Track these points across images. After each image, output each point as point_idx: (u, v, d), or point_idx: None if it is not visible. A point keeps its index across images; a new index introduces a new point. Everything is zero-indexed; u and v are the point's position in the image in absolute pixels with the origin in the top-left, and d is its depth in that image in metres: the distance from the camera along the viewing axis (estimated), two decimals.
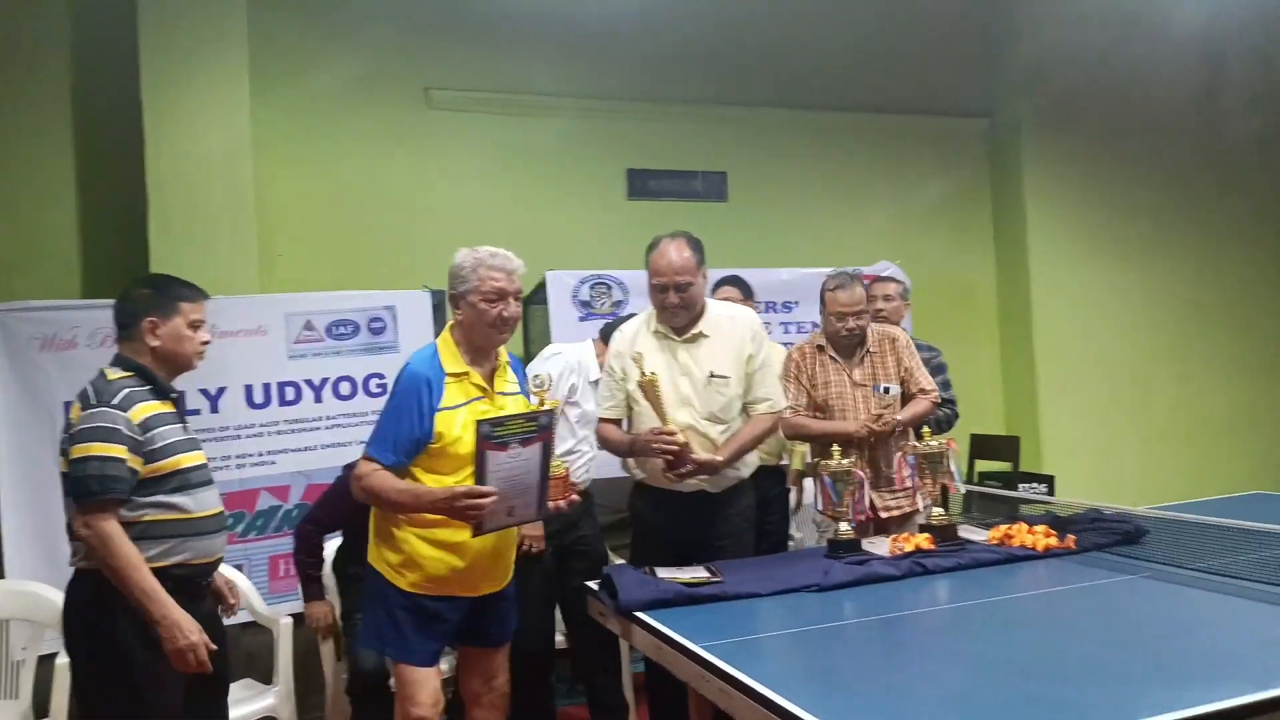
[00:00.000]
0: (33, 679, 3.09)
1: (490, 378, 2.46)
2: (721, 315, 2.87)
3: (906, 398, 3.25)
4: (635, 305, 4.25)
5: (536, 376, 2.41)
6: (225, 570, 2.69)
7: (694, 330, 2.81)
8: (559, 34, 5.00)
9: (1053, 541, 2.63)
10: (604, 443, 2.96)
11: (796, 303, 4.67)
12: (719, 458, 2.70)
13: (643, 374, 2.70)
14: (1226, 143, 6.29)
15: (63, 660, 2.87)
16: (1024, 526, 2.73)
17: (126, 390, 2.20)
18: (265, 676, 3.22)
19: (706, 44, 5.31)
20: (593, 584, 2.55)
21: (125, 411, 2.16)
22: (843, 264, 4.84)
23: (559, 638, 3.57)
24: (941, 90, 5.91)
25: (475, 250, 2.47)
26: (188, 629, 2.15)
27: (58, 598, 3.10)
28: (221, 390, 3.68)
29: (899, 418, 3.14)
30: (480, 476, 2.24)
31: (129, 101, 4.01)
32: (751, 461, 2.90)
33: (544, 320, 4.37)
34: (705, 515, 2.80)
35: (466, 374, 2.41)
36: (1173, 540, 2.61)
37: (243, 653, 3.52)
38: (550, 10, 4.89)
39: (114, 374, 2.24)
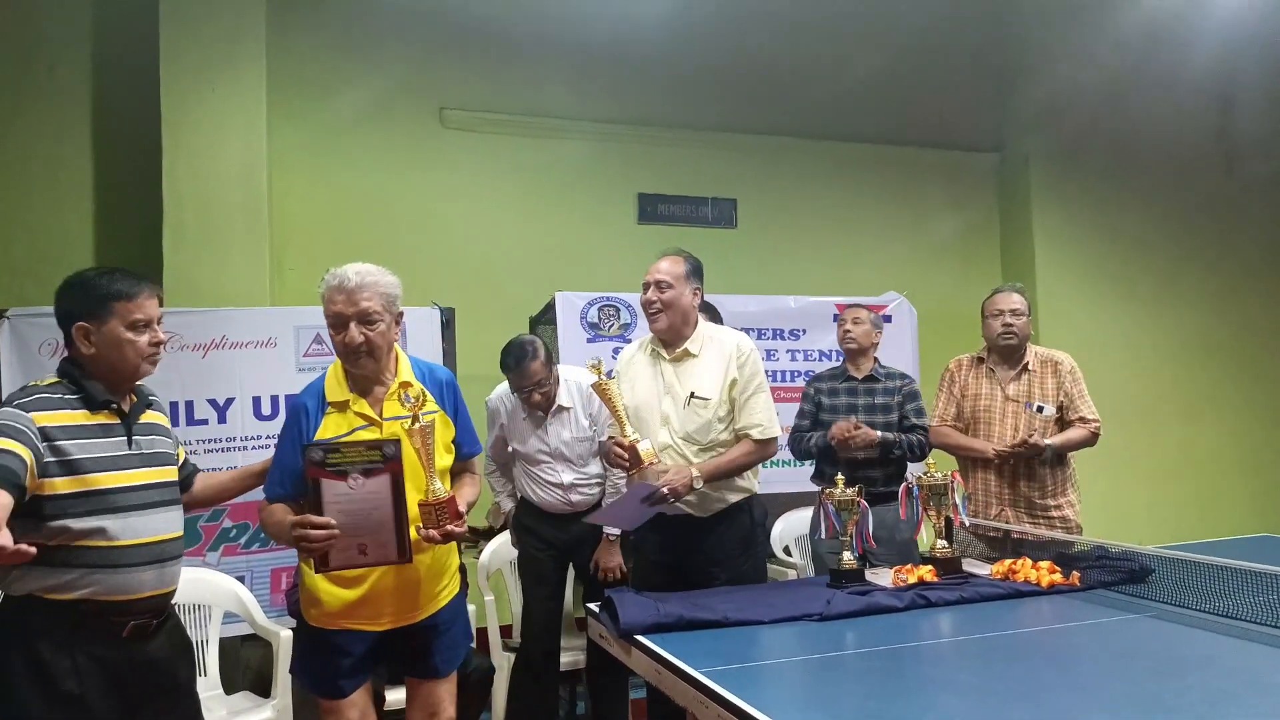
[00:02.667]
0: None
1: (380, 404, 2.25)
2: (712, 337, 2.87)
3: (1064, 425, 3.31)
4: (643, 329, 4.26)
5: (410, 386, 2.23)
6: (231, 583, 2.68)
7: (681, 349, 2.83)
8: (573, 58, 5.06)
9: (1057, 578, 2.61)
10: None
11: (804, 330, 4.67)
12: (695, 473, 2.69)
13: (600, 378, 2.67)
14: (1235, 184, 6.32)
15: None
16: (1028, 562, 2.72)
17: (38, 396, 1.96)
18: (264, 689, 3.21)
19: (720, 71, 5.37)
20: (594, 605, 2.55)
21: (31, 412, 1.90)
22: (850, 294, 4.87)
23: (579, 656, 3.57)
24: (952, 124, 5.95)
25: (336, 269, 2.24)
26: None
27: None
28: (230, 401, 3.69)
29: (1049, 441, 3.21)
30: (315, 506, 2.04)
31: (148, 112, 4.07)
32: (742, 487, 2.87)
33: (552, 340, 4.38)
34: (692, 540, 2.80)
35: (347, 402, 2.24)
36: (1178, 580, 2.59)
37: (242, 665, 3.51)
38: (565, 34, 4.95)
39: (45, 380, 2.02)
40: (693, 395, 2.78)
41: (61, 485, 1.90)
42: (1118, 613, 2.39)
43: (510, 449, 3.47)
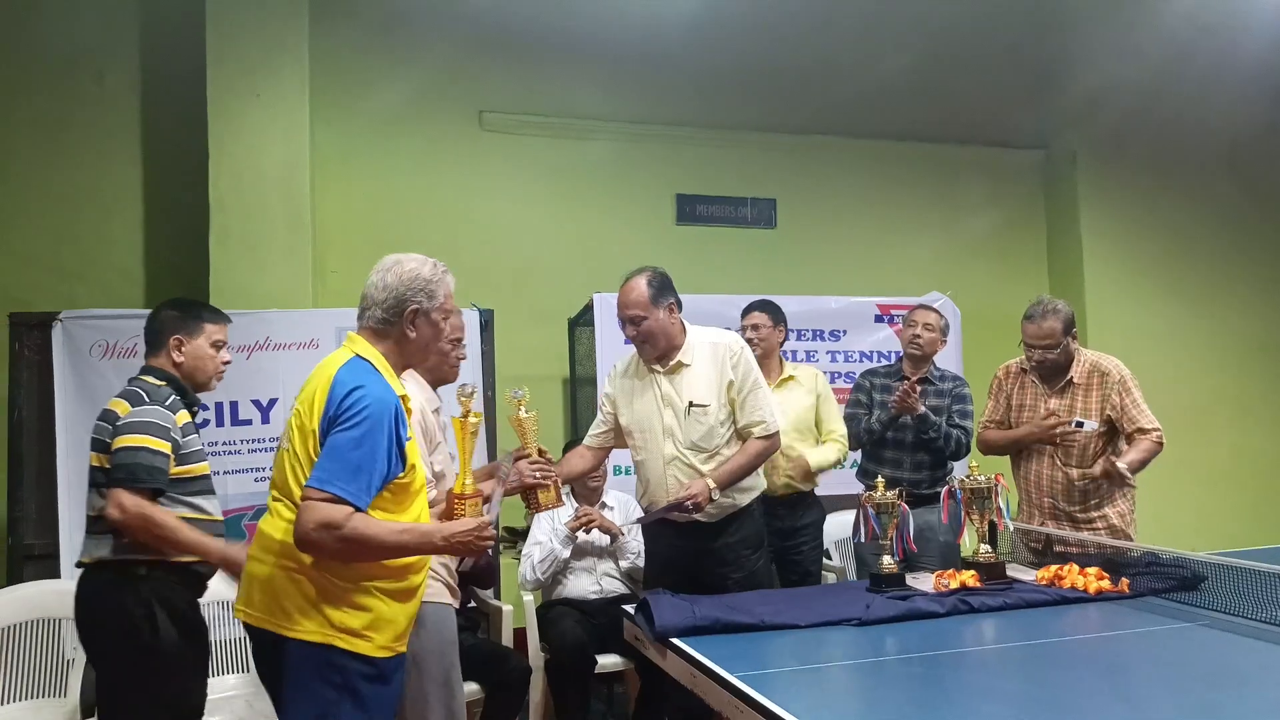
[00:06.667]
0: (80, 678, 3.15)
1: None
2: (703, 343, 2.85)
3: (1114, 436, 3.19)
4: None
5: (465, 385, 2.31)
6: None
7: (674, 360, 2.82)
8: (611, 58, 5.05)
9: (1105, 584, 2.55)
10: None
11: (844, 331, 4.62)
12: (710, 484, 2.70)
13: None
14: None
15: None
16: (1075, 568, 2.65)
17: (174, 397, 2.45)
18: None
19: (757, 70, 5.33)
20: (629, 608, 2.54)
21: (174, 414, 2.40)
22: (891, 294, 4.82)
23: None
24: (995, 120, 5.85)
25: (437, 264, 2.17)
26: (236, 554, 2.30)
27: None
28: (273, 401, 3.74)
29: (1122, 465, 3.05)
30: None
31: (194, 119, 4.14)
32: (750, 487, 2.87)
33: (590, 341, 4.39)
34: (701, 545, 2.81)
35: (405, 398, 2.06)
36: (1232, 588, 2.51)
37: None
38: (602, 35, 4.95)
39: (155, 381, 2.47)
40: (692, 404, 2.78)
41: (185, 471, 2.41)
42: (1168, 621, 2.33)
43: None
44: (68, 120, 4.34)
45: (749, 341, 3.44)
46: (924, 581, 2.67)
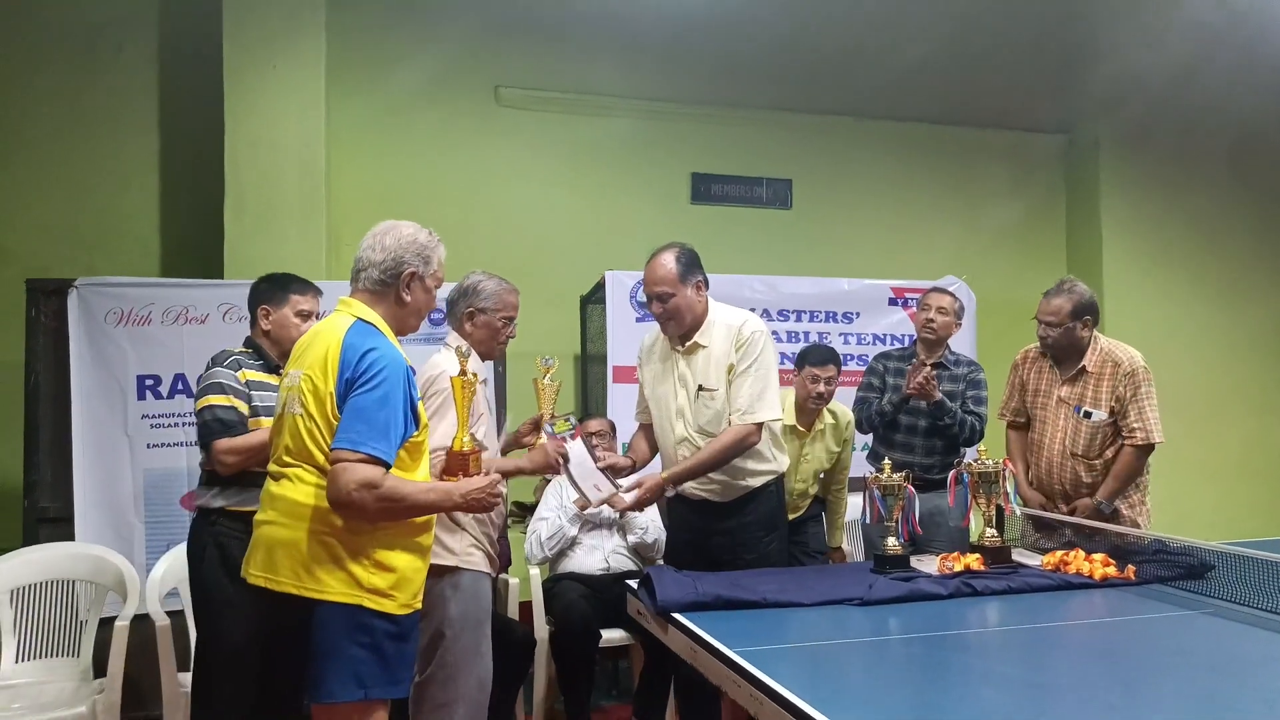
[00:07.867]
0: (93, 639, 3.21)
1: None
2: (721, 323, 2.79)
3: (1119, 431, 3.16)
4: None
5: (462, 345, 2.41)
6: None
7: (693, 341, 2.79)
8: (628, 36, 5.02)
9: (1111, 571, 2.54)
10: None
11: (858, 313, 4.60)
12: (664, 476, 2.73)
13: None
14: None
15: (122, 623, 2.98)
16: (1081, 553, 2.64)
17: (234, 357, 2.69)
18: None
19: (775, 50, 5.28)
20: (632, 583, 2.56)
21: (234, 371, 2.64)
22: (907, 277, 4.78)
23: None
24: (1017, 104, 5.77)
25: (432, 233, 2.24)
26: None
27: (121, 562, 3.25)
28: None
29: (1101, 498, 3.11)
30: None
31: (211, 90, 4.15)
32: (765, 470, 2.82)
33: (601, 319, 4.39)
34: (712, 524, 2.81)
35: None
36: (1238, 577, 2.49)
37: None
38: (619, 13, 4.91)
39: (234, 349, 2.74)
40: (701, 388, 2.76)
41: (253, 425, 2.60)
42: (1174, 608, 2.31)
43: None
44: (86, 91, 4.36)
45: (819, 395, 3.41)
46: (928, 564, 2.66)
